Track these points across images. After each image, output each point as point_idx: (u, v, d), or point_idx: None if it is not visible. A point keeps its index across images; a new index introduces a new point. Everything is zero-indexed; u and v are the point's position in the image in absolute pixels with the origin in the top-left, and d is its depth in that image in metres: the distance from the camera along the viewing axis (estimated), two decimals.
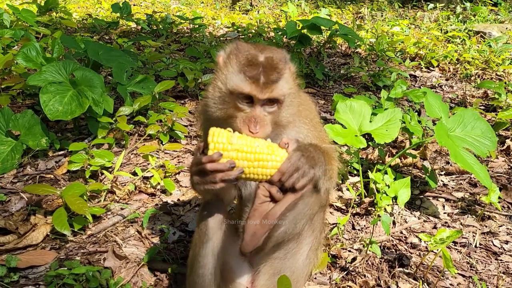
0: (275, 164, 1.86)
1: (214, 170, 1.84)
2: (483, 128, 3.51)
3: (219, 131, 1.88)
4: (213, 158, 1.84)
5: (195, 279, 2.21)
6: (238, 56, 1.98)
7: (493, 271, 2.98)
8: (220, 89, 2.00)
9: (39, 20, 7.42)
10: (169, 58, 6.32)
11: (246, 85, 1.92)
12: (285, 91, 2.00)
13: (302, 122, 2.23)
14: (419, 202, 3.73)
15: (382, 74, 6.47)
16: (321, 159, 1.99)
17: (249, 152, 1.86)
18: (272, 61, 1.95)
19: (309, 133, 2.24)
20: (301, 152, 1.90)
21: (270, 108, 1.99)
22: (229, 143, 1.85)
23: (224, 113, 2.01)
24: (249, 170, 1.87)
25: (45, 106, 3.66)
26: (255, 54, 1.97)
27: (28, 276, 2.65)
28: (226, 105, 2.00)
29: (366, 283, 2.76)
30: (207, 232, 2.17)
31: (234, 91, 1.95)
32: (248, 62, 1.94)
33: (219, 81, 2.02)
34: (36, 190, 3.11)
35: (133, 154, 4.09)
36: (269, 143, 1.91)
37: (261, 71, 1.92)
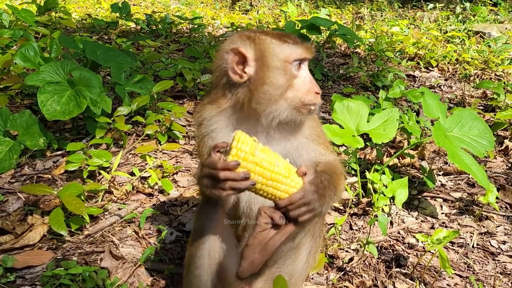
0: (287, 189, 1.82)
1: (226, 178, 1.77)
2: (480, 128, 3.50)
3: (245, 137, 1.79)
4: (229, 166, 1.75)
5: (191, 280, 2.21)
6: (264, 35, 2.03)
7: (491, 272, 2.98)
8: (276, 67, 1.99)
9: (38, 20, 7.43)
10: (168, 58, 6.32)
11: (299, 50, 2.01)
12: None
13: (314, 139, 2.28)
14: (417, 202, 3.73)
15: (381, 74, 6.47)
16: (331, 195, 1.98)
17: (267, 169, 1.80)
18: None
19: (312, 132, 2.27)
20: (315, 187, 1.86)
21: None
22: (252, 154, 1.77)
23: (283, 88, 2.01)
24: (261, 187, 1.81)
25: (43, 106, 3.66)
26: (271, 30, 2.05)
27: (25, 276, 2.65)
28: (283, 78, 2.00)
29: (363, 284, 2.75)
30: (204, 233, 2.15)
31: (290, 59, 1.99)
32: (278, 35, 2.02)
33: (269, 61, 1.99)
34: (34, 190, 3.11)
35: (131, 154, 4.09)
36: (288, 165, 1.86)
37: (294, 37, 2.04)
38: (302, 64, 2.04)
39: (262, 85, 2.01)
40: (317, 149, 2.24)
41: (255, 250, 1.86)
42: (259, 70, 2.01)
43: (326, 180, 1.95)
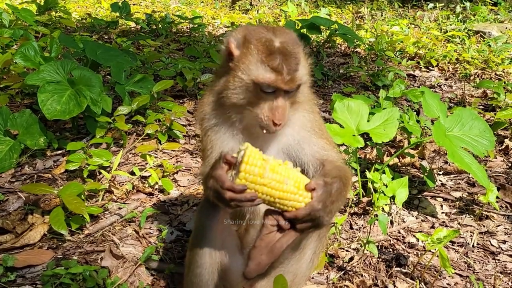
0: (295, 204, 1.80)
1: (231, 199, 1.77)
2: (481, 127, 3.50)
3: (255, 156, 1.75)
4: (236, 190, 1.75)
5: (192, 279, 2.20)
6: (256, 44, 1.96)
7: (491, 271, 2.98)
8: (241, 80, 1.98)
9: (38, 19, 7.42)
10: (168, 57, 6.31)
11: (271, 77, 1.92)
12: (305, 76, 2.04)
13: (308, 114, 2.24)
14: (417, 202, 3.73)
15: (381, 73, 6.47)
16: (339, 205, 1.98)
17: (276, 189, 1.77)
18: (289, 47, 1.95)
19: (314, 126, 2.25)
20: (323, 204, 1.82)
21: (291, 94, 2.02)
22: (260, 175, 1.74)
23: (246, 102, 2.01)
24: (268, 203, 1.82)
25: (43, 106, 3.66)
26: (271, 39, 1.95)
27: (25, 276, 2.65)
28: (249, 94, 1.99)
29: (363, 283, 2.76)
30: (205, 232, 2.16)
31: (258, 82, 1.94)
32: (268, 51, 1.93)
33: (239, 71, 1.98)
34: (34, 189, 3.12)
35: (131, 153, 4.09)
36: (298, 179, 1.81)
37: (282, 61, 1.92)
38: (277, 91, 1.97)
39: (228, 86, 2.03)
40: (319, 143, 2.23)
41: (262, 252, 1.86)
42: (234, 72, 2.01)
43: (337, 192, 1.90)
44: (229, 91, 2.03)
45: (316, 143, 2.22)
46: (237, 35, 2.05)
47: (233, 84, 2.01)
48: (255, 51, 1.95)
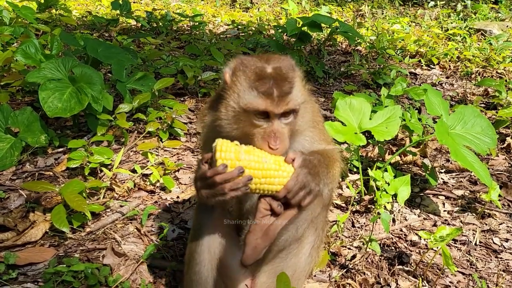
0: (282, 181, 1.84)
1: (222, 181, 1.81)
2: (483, 125, 3.50)
3: (227, 145, 1.83)
4: (219, 170, 1.80)
5: (191, 276, 2.20)
6: (246, 72, 1.93)
7: (493, 269, 2.98)
8: (234, 108, 1.95)
9: (39, 17, 7.41)
10: (169, 55, 6.30)
11: (260, 102, 1.87)
12: (299, 100, 1.97)
13: (310, 125, 2.22)
14: (419, 200, 3.72)
15: (383, 71, 6.45)
16: (324, 172, 1.98)
17: (257, 169, 1.83)
18: (281, 72, 1.92)
19: (314, 136, 2.23)
20: (307, 169, 1.88)
21: (287, 120, 1.96)
22: (237, 159, 1.81)
23: (240, 132, 1.97)
24: (256, 186, 1.85)
25: (44, 103, 3.65)
26: (262, 66, 1.92)
27: (27, 273, 2.64)
28: (242, 124, 1.95)
29: (365, 281, 2.75)
30: (203, 229, 2.16)
31: (248, 109, 1.90)
32: (257, 77, 1.90)
33: (230, 100, 1.96)
34: (35, 187, 3.11)
35: (133, 151, 4.09)
36: (276, 158, 1.88)
37: (273, 84, 1.87)
38: (271, 117, 1.92)
39: (221, 116, 2.01)
40: (313, 136, 2.22)
41: (257, 236, 1.88)
42: (226, 101, 1.99)
43: (316, 160, 1.96)
44: (222, 121, 2.01)
45: (309, 136, 2.21)
46: (232, 64, 2.03)
47: (226, 114, 1.99)
48: (244, 78, 1.93)
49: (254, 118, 1.91)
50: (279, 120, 1.93)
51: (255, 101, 1.88)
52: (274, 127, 1.91)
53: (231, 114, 1.97)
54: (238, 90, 1.94)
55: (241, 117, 1.94)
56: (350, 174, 3.95)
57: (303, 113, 2.05)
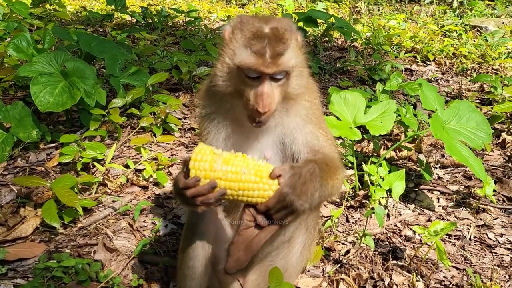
0: (262, 193, 1.74)
1: (192, 195, 1.77)
2: (478, 120, 3.48)
3: (203, 153, 1.76)
4: (189, 184, 1.76)
5: (185, 271, 2.17)
6: (243, 30, 1.92)
7: (488, 264, 2.96)
8: (228, 65, 1.95)
9: (33, 12, 7.34)
10: (164, 50, 6.26)
11: (252, 60, 1.85)
12: (292, 62, 1.93)
13: (304, 102, 2.17)
14: (414, 195, 3.71)
15: (378, 67, 6.43)
16: (316, 186, 1.84)
17: (233, 180, 1.74)
18: (277, 32, 1.89)
19: (309, 113, 2.17)
20: (291, 188, 1.74)
21: (279, 81, 1.93)
22: (211, 169, 1.74)
23: (233, 89, 1.97)
24: (233, 197, 1.78)
25: (36, 98, 3.61)
26: (260, 26, 1.91)
27: (17, 269, 2.61)
28: (235, 81, 1.95)
29: (359, 276, 2.73)
30: (197, 224, 2.14)
31: (241, 66, 1.89)
32: (253, 35, 1.88)
33: (226, 56, 1.97)
34: (26, 182, 3.07)
35: (126, 146, 4.05)
36: (259, 168, 1.76)
37: (266, 44, 1.85)
38: (262, 77, 1.89)
39: (216, 73, 2.01)
40: (313, 132, 2.16)
41: (239, 248, 1.83)
42: (222, 58, 2.00)
43: (308, 173, 1.82)
44: (217, 78, 2.01)
45: (309, 131, 2.16)
46: (232, 22, 2.03)
47: (221, 70, 1.99)
48: (240, 36, 1.92)
49: (246, 76, 1.90)
50: (270, 80, 1.91)
51: (248, 59, 1.87)
52: (264, 88, 1.88)
53: (225, 70, 1.97)
54: (234, 47, 1.94)
55: (234, 73, 1.94)
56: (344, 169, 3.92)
57: (297, 77, 2.01)
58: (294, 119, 2.13)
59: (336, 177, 2.03)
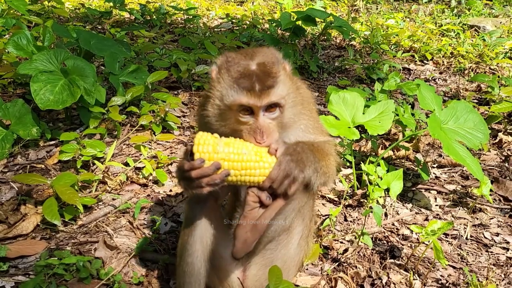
0: (263, 171, 1.85)
1: (198, 176, 1.83)
2: (475, 120, 3.51)
3: (205, 137, 1.85)
4: (195, 165, 1.82)
5: (184, 268, 2.19)
6: (230, 70, 1.94)
7: (484, 263, 3.00)
8: (219, 106, 1.97)
9: (31, 8, 7.31)
10: (163, 48, 6.26)
11: (242, 97, 1.88)
12: (284, 93, 1.96)
13: (302, 115, 2.19)
14: (411, 194, 3.74)
15: (376, 66, 6.46)
16: (310, 158, 1.96)
17: (236, 161, 1.84)
18: (265, 68, 1.91)
19: (308, 124, 2.21)
20: (289, 156, 1.87)
21: (273, 114, 1.96)
22: (215, 151, 1.83)
23: (229, 129, 1.99)
24: (237, 178, 1.86)
25: (36, 95, 3.62)
26: (246, 64, 1.92)
27: (18, 266, 2.63)
28: (228, 121, 1.97)
29: (357, 274, 2.76)
30: (195, 220, 2.16)
31: (232, 106, 1.91)
32: (240, 75, 1.90)
33: (215, 98, 1.98)
34: (27, 179, 3.08)
35: (125, 144, 4.07)
36: (258, 149, 1.88)
37: (255, 80, 1.87)
38: (255, 112, 1.93)
39: (208, 114, 2.03)
40: (306, 124, 2.21)
41: (246, 229, 1.90)
42: (211, 99, 2.01)
43: (299, 147, 1.95)
44: (211, 119, 2.03)
45: (309, 138, 2.19)
46: (218, 62, 2.04)
47: (212, 112, 2.02)
48: (227, 76, 1.94)
49: (238, 114, 1.92)
50: (264, 115, 1.93)
51: (237, 97, 1.89)
52: (259, 122, 1.92)
53: (217, 112, 2.00)
54: (222, 87, 1.96)
55: (227, 114, 1.96)
56: (343, 169, 3.96)
57: (292, 105, 2.03)
58: (295, 133, 2.16)
59: (327, 158, 2.13)
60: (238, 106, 1.90)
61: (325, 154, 2.13)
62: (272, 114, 1.95)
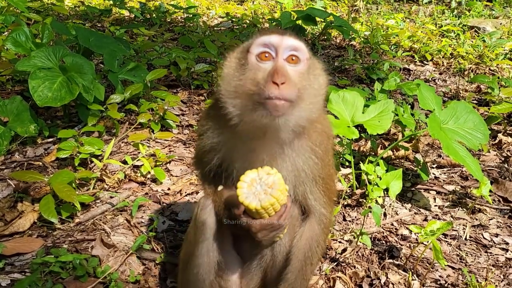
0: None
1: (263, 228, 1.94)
2: (475, 121, 3.50)
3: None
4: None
5: (189, 278, 2.14)
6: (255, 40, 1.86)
7: (483, 264, 2.99)
8: (237, 61, 1.87)
9: (30, 6, 7.31)
10: (162, 47, 6.25)
11: (266, 38, 1.81)
12: (306, 53, 1.86)
13: (313, 144, 2.01)
14: (411, 195, 3.73)
15: (376, 67, 6.44)
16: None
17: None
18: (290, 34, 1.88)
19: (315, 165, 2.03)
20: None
21: (293, 67, 1.80)
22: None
23: (245, 84, 1.78)
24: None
25: (34, 92, 3.59)
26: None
27: (14, 264, 2.61)
28: (247, 74, 1.79)
29: (356, 274, 2.75)
30: (205, 232, 2.07)
31: (253, 48, 1.82)
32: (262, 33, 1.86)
33: (233, 63, 1.89)
34: (24, 177, 3.06)
35: (124, 142, 4.05)
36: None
37: (278, 29, 1.85)
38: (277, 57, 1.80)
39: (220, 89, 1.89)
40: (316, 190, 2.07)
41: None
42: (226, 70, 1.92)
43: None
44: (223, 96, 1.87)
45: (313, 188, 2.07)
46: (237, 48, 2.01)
47: (227, 80, 1.87)
48: (254, 42, 1.86)
49: (257, 63, 1.80)
50: (284, 60, 1.80)
51: (262, 40, 1.82)
52: (279, 63, 1.77)
53: (240, 71, 1.84)
54: (242, 48, 1.92)
55: (244, 70, 1.81)
56: (342, 168, 3.94)
57: (312, 80, 1.86)
58: (306, 155, 2.01)
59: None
60: (260, 46, 1.81)
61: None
62: (292, 66, 1.81)
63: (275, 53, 1.80)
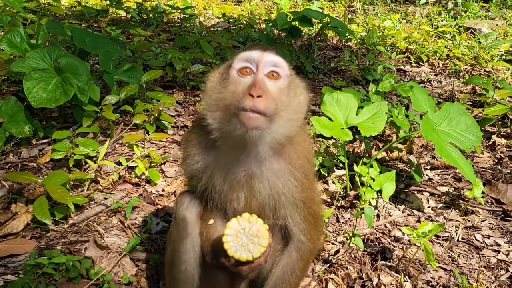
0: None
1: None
2: (468, 123, 3.52)
3: None
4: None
5: (177, 276, 2.15)
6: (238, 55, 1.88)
7: (474, 265, 3.01)
8: (220, 77, 1.89)
9: (27, 6, 7.29)
10: (158, 47, 6.25)
11: (248, 53, 1.83)
12: (286, 70, 1.87)
13: (292, 167, 1.98)
14: (404, 196, 3.75)
15: (372, 68, 6.46)
16: None
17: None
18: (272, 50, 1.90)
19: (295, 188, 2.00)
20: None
21: (273, 82, 1.81)
22: None
23: (225, 97, 1.79)
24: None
25: (29, 93, 3.59)
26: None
27: (7, 265, 2.62)
28: (227, 88, 1.81)
29: (348, 276, 2.77)
30: (186, 227, 2.10)
31: (236, 64, 1.83)
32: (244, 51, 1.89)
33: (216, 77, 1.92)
34: (18, 178, 3.06)
35: (118, 143, 4.05)
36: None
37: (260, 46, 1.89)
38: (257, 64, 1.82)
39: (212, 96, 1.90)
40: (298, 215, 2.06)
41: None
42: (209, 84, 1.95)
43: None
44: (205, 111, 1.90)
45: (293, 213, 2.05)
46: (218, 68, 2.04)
47: (209, 95, 1.90)
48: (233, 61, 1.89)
49: (239, 78, 1.81)
50: (264, 75, 1.81)
51: (241, 54, 1.86)
52: (258, 77, 1.78)
53: (221, 86, 1.85)
54: (225, 65, 1.94)
55: (226, 84, 1.83)
56: (336, 170, 3.96)
57: (291, 97, 1.86)
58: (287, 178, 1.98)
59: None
60: (242, 61, 1.83)
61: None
62: (271, 81, 1.82)
63: (255, 68, 1.82)
